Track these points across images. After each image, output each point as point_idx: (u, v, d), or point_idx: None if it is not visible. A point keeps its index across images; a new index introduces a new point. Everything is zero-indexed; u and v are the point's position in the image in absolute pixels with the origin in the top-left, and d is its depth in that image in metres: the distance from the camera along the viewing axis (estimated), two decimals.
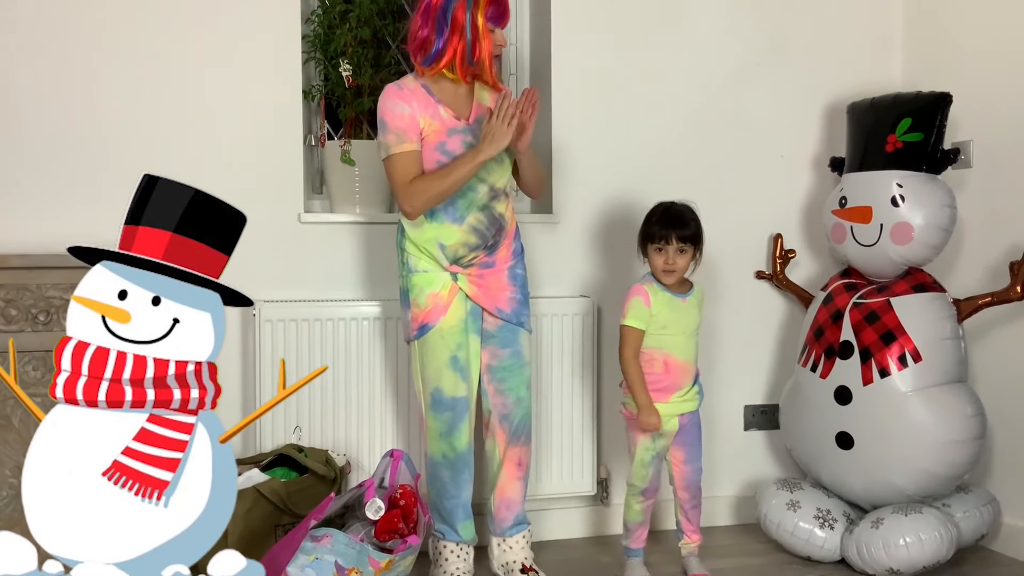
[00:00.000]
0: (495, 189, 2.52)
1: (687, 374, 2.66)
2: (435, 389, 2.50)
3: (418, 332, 2.50)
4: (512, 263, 2.58)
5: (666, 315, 2.66)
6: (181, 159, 2.86)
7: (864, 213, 2.94)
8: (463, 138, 2.46)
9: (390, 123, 2.42)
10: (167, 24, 2.87)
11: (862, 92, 3.21)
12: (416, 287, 2.50)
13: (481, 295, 2.52)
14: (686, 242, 2.60)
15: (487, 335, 2.56)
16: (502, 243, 2.55)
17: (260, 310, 2.81)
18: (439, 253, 2.47)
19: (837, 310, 2.97)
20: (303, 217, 2.96)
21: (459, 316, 2.50)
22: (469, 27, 2.40)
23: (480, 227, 2.49)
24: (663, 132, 3.21)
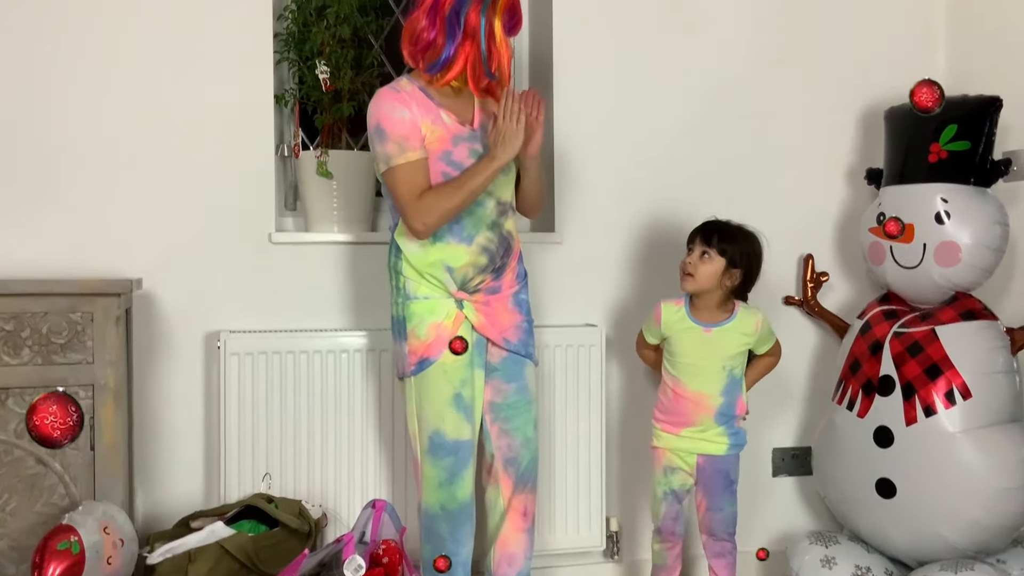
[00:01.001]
0: (502, 203, 2.50)
1: (701, 408, 2.64)
2: (435, 432, 2.45)
3: (416, 367, 2.45)
4: (516, 288, 2.56)
5: (677, 339, 2.67)
6: (136, 170, 2.85)
7: (906, 231, 2.92)
8: (470, 146, 2.43)
9: (390, 130, 2.36)
10: (120, 18, 2.85)
11: (902, 95, 3.16)
12: (415, 316, 2.45)
13: (488, 325, 2.49)
14: (713, 248, 2.61)
15: (490, 368, 2.53)
16: (508, 266, 2.53)
17: (225, 341, 2.79)
18: (447, 277, 2.44)
19: (876, 340, 2.95)
20: (274, 237, 2.94)
21: None
22: (485, 33, 2.36)
23: (490, 247, 2.47)
24: (677, 141, 3.20)
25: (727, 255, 2.63)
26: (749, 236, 2.68)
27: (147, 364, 2.87)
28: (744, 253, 2.64)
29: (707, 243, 2.64)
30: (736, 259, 2.64)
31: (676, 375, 2.68)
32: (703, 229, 2.67)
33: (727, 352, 2.66)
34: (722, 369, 2.65)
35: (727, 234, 2.65)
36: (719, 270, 2.63)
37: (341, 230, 2.99)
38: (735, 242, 2.64)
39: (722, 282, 2.65)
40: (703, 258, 2.63)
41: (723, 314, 2.68)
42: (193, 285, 2.88)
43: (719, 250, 2.63)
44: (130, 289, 2.60)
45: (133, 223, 2.84)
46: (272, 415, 2.81)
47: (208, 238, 2.89)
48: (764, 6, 3.26)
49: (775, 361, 2.80)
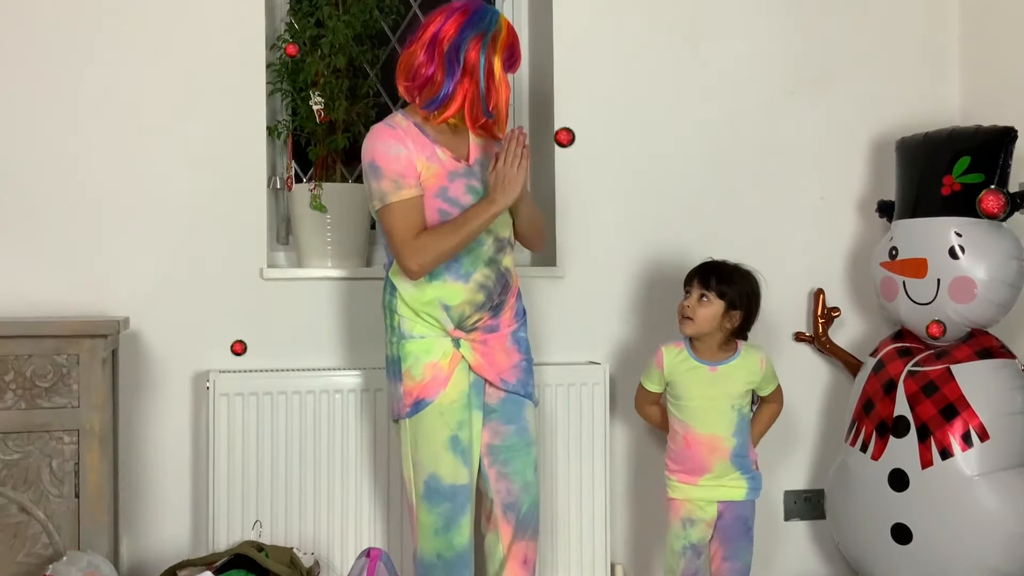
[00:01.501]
0: (501, 240, 2.52)
1: (715, 452, 2.66)
2: (431, 476, 2.45)
3: (412, 408, 2.46)
4: (515, 327, 2.58)
5: (682, 381, 2.71)
6: (124, 205, 2.89)
7: (918, 266, 2.95)
8: (466, 182, 2.46)
9: (385, 167, 2.40)
10: (107, 49, 2.90)
11: (913, 126, 3.24)
12: (410, 356, 2.47)
13: (485, 365, 2.51)
14: (711, 290, 2.66)
15: (488, 410, 2.55)
16: (506, 303, 2.55)
17: (214, 382, 2.81)
18: (443, 316, 2.46)
19: (889, 379, 2.97)
20: (266, 272, 2.96)
21: (461, 389, 2.48)
22: (484, 71, 2.41)
23: (488, 284, 2.49)
24: (684, 173, 3.24)
25: (726, 297, 2.67)
26: (747, 276, 2.72)
27: (133, 406, 2.89)
28: (743, 294, 2.69)
29: (705, 286, 2.68)
30: (735, 301, 2.68)
31: (685, 420, 2.70)
32: (700, 271, 2.71)
33: (735, 390, 2.69)
34: (731, 408, 2.68)
35: (725, 275, 2.69)
36: (719, 313, 2.68)
37: (335, 265, 3.01)
38: (733, 283, 2.68)
39: (722, 324, 2.69)
40: (701, 301, 2.68)
41: (726, 354, 2.72)
42: (182, 323, 2.91)
43: (717, 292, 2.67)
44: (117, 330, 2.63)
45: (120, 260, 2.88)
46: (263, 458, 2.82)
47: (197, 274, 2.92)
48: (773, 36, 3.31)
49: (779, 409, 2.83)
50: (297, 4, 3.04)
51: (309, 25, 2.99)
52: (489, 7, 2.47)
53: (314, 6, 3.00)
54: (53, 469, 2.53)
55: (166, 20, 2.93)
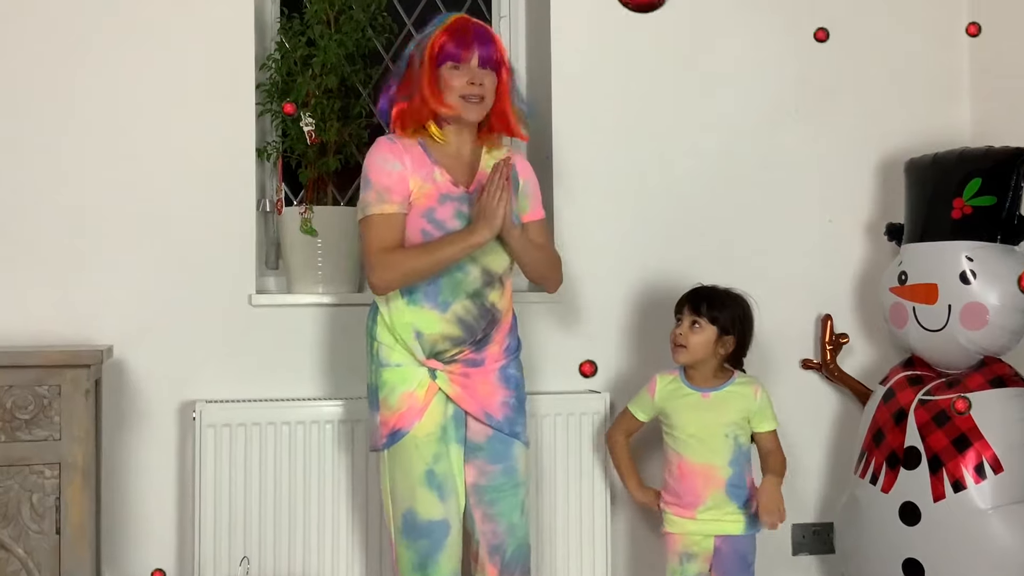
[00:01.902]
0: (490, 274, 2.52)
1: (710, 482, 2.68)
2: (407, 511, 2.47)
3: (388, 440, 2.48)
4: (504, 362, 2.57)
5: (675, 410, 2.74)
6: (107, 229, 2.90)
7: (928, 292, 2.97)
8: (457, 207, 2.47)
9: (374, 180, 2.45)
10: (93, 70, 2.92)
11: (922, 146, 3.26)
12: (387, 385, 2.49)
13: (465, 396, 2.52)
14: (702, 316, 2.69)
15: (473, 447, 2.55)
16: (493, 338, 2.56)
17: (201, 412, 2.82)
18: (415, 343, 2.48)
19: (900, 409, 2.98)
20: (255, 299, 2.98)
21: (437, 421, 2.49)
22: (417, 67, 2.46)
23: (467, 318, 2.49)
24: (686, 195, 3.26)
25: (718, 323, 2.71)
26: (738, 300, 2.76)
27: (116, 437, 2.90)
28: (735, 318, 2.73)
29: (696, 312, 2.72)
30: (728, 326, 2.72)
31: (679, 450, 2.73)
32: (690, 297, 2.75)
33: (728, 418, 2.71)
34: (726, 437, 2.69)
35: (716, 300, 2.73)
36: (711, 339, 2.72)
37: (326, 291, 3.02)
38: (725, 308, 2.72)
39: (716, 350, 2.72)
40: (693, 328, 2.72)
41: (720, 380, 2.75)
42: (167, 352, 2.92)
43: (709, 318, 2.71)
44: (100, 359, 2.63)
45: (103, 286, 2.89)
46: (251, 492, 2.83)
47: (183, 301, 2.93)
48: (779, 54, 3.34)
49: (782, 458, 2.77)
50: (287, 23, 3.07)
51: (300, 44, 3.01)
52: (446, 15, 2.51)
53: (305, 25, 3.02)
54: (33, 504, 2.52)
55: (152, 39, 2.95)
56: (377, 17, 3.12)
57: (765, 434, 2.77)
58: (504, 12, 3.37)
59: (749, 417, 2.75)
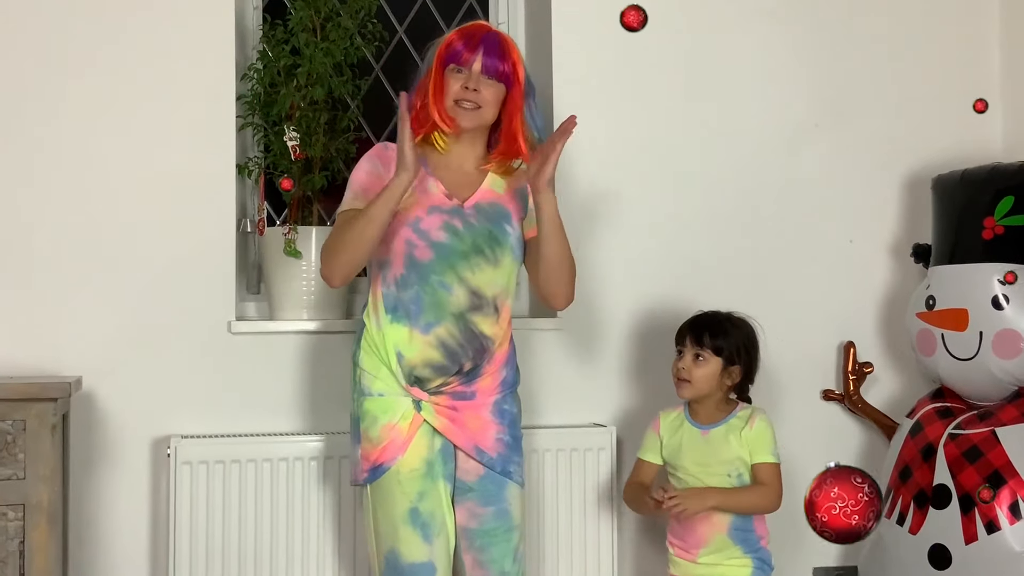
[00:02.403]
0: (480, 297, 2.48)
1: (713, 525, 2.66)
2: (390, 551, 2.44)
3: (369, 475, 2.46)
4: (499, 396, 2.54)
5: (675, 447, 2.72)
6: (76, 252, 2.89)
7: (958, 318, 2.96)
8: (446, 220, 2.46)
9: (355, 179, 2.52)
10: (61, 80, 2.90)
11: (951, 162, 3.25)
12: (369, 415, 2.47)
13: (454, 429, 2.49)
14: (705, 348, 2.67)
15: (463, 487, 2.52)
16: (485, 370, 2.52)
17: (176, 448, 2.80)
18: (396, 366, 2.46)
19: (928, 444, 2.97)
20: (235, 326, 2.97)
21: (421, 456, 2.46)
22: (430, 78, 2.47)
23: (450, 343, 2.46)
24: (697, 215, 3.26)
25: (723, 353, 2.69)
26: (742, 325, 2.74)
27: (85, 476, 2.88)
28: (740, 346, 2.70)
29: (699, 344, 2.69)
30: (733, 355, 2.69)
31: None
32: (691, 328, 2.72)
33: (728, 455, 2.68)
34: (727, 476, 2.67)
35: (719, 329, 2.70)
36: (716, 371, 2.69)
37: (311, 317, 3.01)
38: (729, 336, 2.70)
39: (722, 382, 2.71)
40: (697, 361, 2.69)
41: (722, 414, 2.72)
42: (139, 384, 2.91)
43: (713, 349, 2.68)
44: (68, 392, 2.60)
45: (71, 313, 2.88)
46: (229, 534, 2.82)
47: (157, 329, 2.92)
48: (796, 65, 3.35)
49: (764, 500, 2.65)
50: (270, 30, 3.06)
51: (284, 53, 3.01)
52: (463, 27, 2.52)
53: (289, 32, 3.02)
54: None
55: (125, 48, 2.94)
56: (367, 24, 3.11)
57: (758, 466, 2.66)
58: (502, 19, 3.37)
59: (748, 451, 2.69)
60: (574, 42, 3.21)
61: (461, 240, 2.45)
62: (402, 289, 2.44)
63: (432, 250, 2.44)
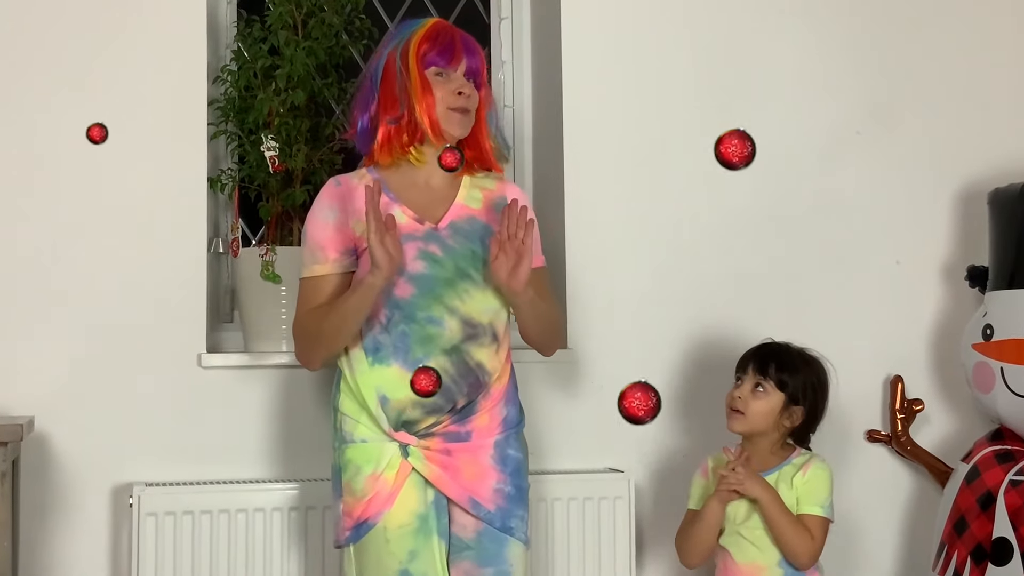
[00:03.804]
0: (474, 326, 2.50)
1: None
2: None
3: (352, 533, 2.46)
4: (500, 437, 2.54)
5: None
6: (27, 278, 2.92)
7: (1020, 349, 2.98)
8: (420, 247, 2.48)
9: (309, 234, 2.56)
10: (7, 78, 2.93)
11: (1010, 174, 3.27)
12: (351, 464, 2.48)
13: (446, 478, 2.48)
14: (768, 379, 2.69)
15: (459, 544, 2.51)
16: (480, 406, 2.52)
17: (139, 497, 2.82)
18: (378, 411, 2.47)
19: (987, 491, 2.98)
20: (205, 359, 2.99)
21: (412, 510, 2.46)
22: (400, 78, 2.49)
23: (444, 379, 2.45)
24: (724, 235, 3.29)
25: (787, 389, 2.70)
26: (812, 364, 2.76)
27: (38, 529, 2.90)
28: (807, 385, 2.71)
29: (762, 373, 2.70)
30: (798, 394, 2.70)
31: (725, 545, 2.72)
32: (757, 355, 2.74)
33: None
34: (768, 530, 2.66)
35: (786, 362, 2.72)
36: (776, 407, 2.70)
37: (291, 348, 2.93)
38: (796, 372, 2.71)
39: (780, 422, 2.71)
40: (756, 392, 2.70)
41: (777, 460, 2.72)
42: (99, 425, 2.93)
43: (777, 382, 2.69)
44: (20, 435, 2.63)
45: (22, 346, 2.91)
46: None
47: (119, 363, 2.95)
48: (835, 67, 3.38)
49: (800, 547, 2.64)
50: (246, 28, 3.10)
51: (261, 53, 3.04)
52: (421, 20, 2.56)
53: (267, 30, 3.05)
54: None
55: (84, 46, 2.97)
56: (353, 20, 3.15)
57: (803, 518, 2.67)
58: (505, 13, 3.42)
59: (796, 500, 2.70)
60: (585, 42, 3.24)
61: (442, 267, 2.48)
62: (386, 332, 2.47)
63: (412, 284, 2.46)
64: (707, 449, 3.12)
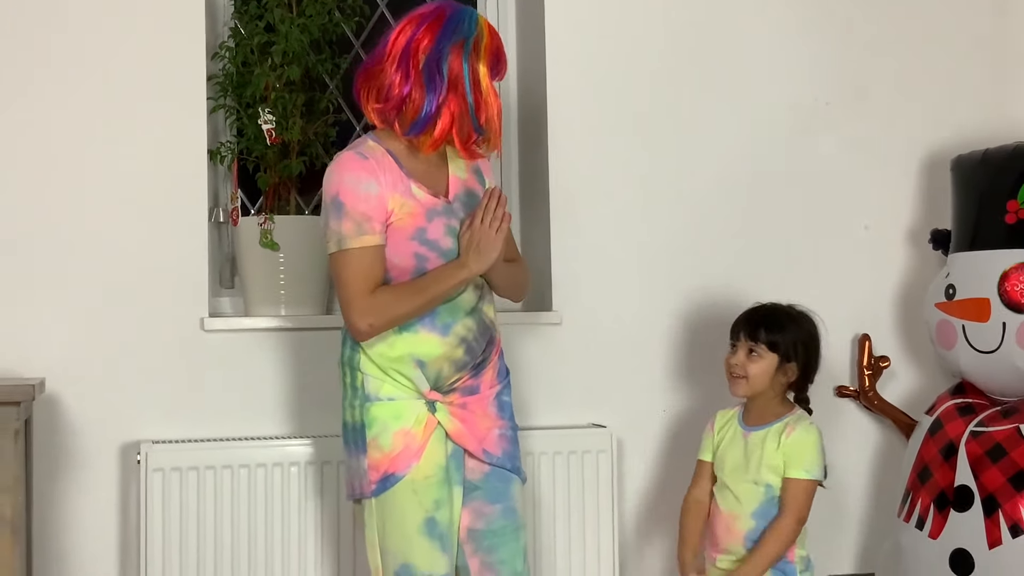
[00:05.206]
0: (481, 287, 2.55)
1: (731, 533, 2.70)
2: (402, 566, 2.45)
3: (379, 485, 2.46)
4: (499, 388, 2.61)
5: (722, 447, 2.77)
6: (37, 245, 2.92)
7: (980, 308, 2.99)
8: (446, 222, 2.49)
9: (350, 206, 2.43)
10: (21, 63, 2.93)
11: (972, 141, 3.28)
12: (378, 421, 2.47)
13: (466, 433, 2.53)
14: (760, 343, 2.70)
15: (470, 486, 2.55)
16: (489, 361, 2.58)
17: (147, 454, 2.83)
18: (417, 374, 2.49)
19: (949, 442, 3.00)
20: (207, 323, 3.00)
21: (437, 462, 2.49)
22: (470, 83, 2.45)
23: (470, 338, 2.51)
24: (701, 200, 3.30)
25: (779, 349, 2.71)
26: (800, 320, 2.77)
27: (50, 485, 2.91)
28: (797, 342, 2.73)
29: (753, 339, 2.72)
30: (790, 352, 2.72)
31: (715, 492, 2.76)
32: (747, 321, 2.75)
33: (763, 461, 2.69)
34: (755, 484, 2.68)
35: (775, 323, 2.73)
36: (771, 368, 2.72)
37: (289, 312, 3.04)
38: (785, 331, 2.72)
39: (776, 380, 2.73)
40: (751, 357, 2.72)
41: (772, 417, 2.74)
42: (107, 386, 2.94)
43: (768, 344, 2.71)
44: (31, 395, 2.63)
45: (33, 311, 2.92)
46: (204, 544, 2.85)
47: (125, 327, 2.96)
48: (807, 37, 3.39)
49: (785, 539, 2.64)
50: (243, 6, 3.10)
51: (257, 30, 3.04)
52: (465, 8, 2.50)
53: (263, 8, 3.05)
54: None
55: (86, 25, 2.96)
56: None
57: (786, 481, 2.68)
58: None
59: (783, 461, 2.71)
60: (569, 21, 3.24)
61: (457, 239, 2.49)
62: None
63: (444, 259, 2.48)
64: (688, 404, 3.13)
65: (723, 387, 2.81)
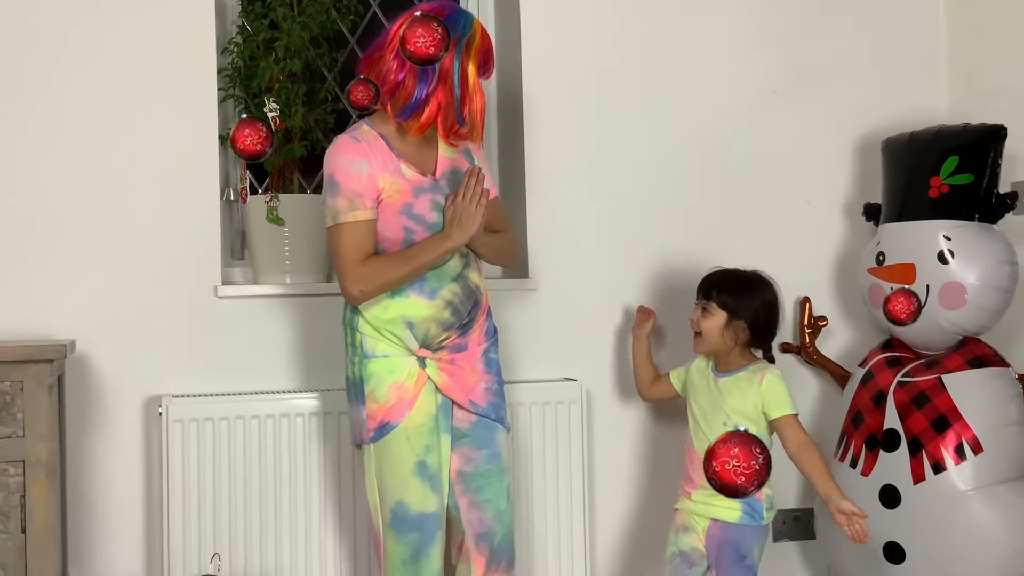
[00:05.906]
0: (466, 255, 2.64)
1: (701, 471, 2.76)
2: (397, 504, 2.54)
3: (376, 433, 2.56)
4: (485, 346, 2.68)
5: (693, 385, 2.88)
6: (67, 221, 3.00)
7: (906, 272, 3.10)
8: (432, 198, 2.58)
9: (343, 184, 2.52)
10: (46, 56, 3.00)
11: (900, 125, 3.38)
12: (374, 376, 2.57)
13: (453, 386, 2.62)
14: (711, 302, 2.81)
15: (458, 434, 2.64)
16: (476, 321, 2.66)
17: (167, 407, 2.92)
18: (407, 334, 2.57)
19: (879, 391, 3.11)
20: (220, 290, 3.08)
21: (428, 411, 2.58)
22: (458, 78, 2.52)
23: (455, 301, 2.59)
24: (661, 180, 3.40)
25: (727, 307, 2.81)
26: (754, 284, 2.86)
27: (81, 434, 2.99)
28: (746, 304, 2.81)
29: (706, 297, 2.82)
30: (738, 311, 2.81)
31: (690, 431, 2.86)
32: (704, 283, 2.86)
33: (729, 406, 2.79)
34: (723, 426, 2.75)
35: (726, 285, 2.84)
36: (720, 324, 2.81)
37: (294, 281, 3.13)
38: (735, 293, 2.82)
39: (726, 337, 2.82)
40: (704, 314, 2.82)
41: (737, 367, 2.83)
42: (131, 346, 3.01)
43: (719, 303, 2.80)
44: (63, 354, 2.70)
45: (64, 279, 2.99)
46: (220, 488, 2.93)
47: (147, 294, 3.03)
48: (755, 37, 3.48)
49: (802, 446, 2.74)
50: (249, 5, 3.15)
51: (262, 27, 3.10)
52: (462, 11, 2.58)
53: (267, 7, 3.11)
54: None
55: (109, 24, 3.03)
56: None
57: (777, 420, 2.77)
58: None
59: (761, 407, 2.78)
60: (542, 17, 3.31)
61: (444, 213, 2.58)
62: None
63: (429, 231, 2.57)
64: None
65: (679, 346, 2.90)
